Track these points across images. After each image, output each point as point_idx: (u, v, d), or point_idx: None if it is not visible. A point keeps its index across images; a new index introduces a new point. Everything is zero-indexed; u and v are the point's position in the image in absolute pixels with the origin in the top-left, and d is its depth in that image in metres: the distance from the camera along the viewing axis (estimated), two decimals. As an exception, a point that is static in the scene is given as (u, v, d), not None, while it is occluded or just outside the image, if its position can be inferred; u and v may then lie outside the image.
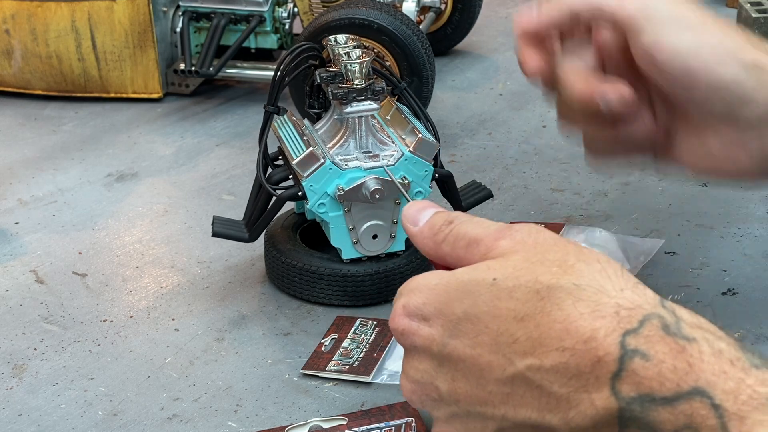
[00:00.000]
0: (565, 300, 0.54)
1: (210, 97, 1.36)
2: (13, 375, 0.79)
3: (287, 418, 0.73)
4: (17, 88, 1.36)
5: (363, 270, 0.85)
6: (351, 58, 0.85)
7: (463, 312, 0.57)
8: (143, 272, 0.94)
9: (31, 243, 0.99)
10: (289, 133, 0.88)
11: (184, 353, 0.81)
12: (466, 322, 0.57)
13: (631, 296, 0.53)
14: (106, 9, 1.29)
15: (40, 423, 0.74)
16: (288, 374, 0.78)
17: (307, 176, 0.83)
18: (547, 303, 0.55)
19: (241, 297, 0.89)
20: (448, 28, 1.45)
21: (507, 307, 0.56)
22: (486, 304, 0.56)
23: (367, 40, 1.14)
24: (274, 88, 0.88)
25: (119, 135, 1.25)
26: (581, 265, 0.55)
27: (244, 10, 1.31)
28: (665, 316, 0.53)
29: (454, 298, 0.58)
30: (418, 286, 0.59)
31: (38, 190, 1.11)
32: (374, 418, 0.70)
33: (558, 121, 0.80)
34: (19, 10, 1.30)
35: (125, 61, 1.31)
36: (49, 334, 0.85)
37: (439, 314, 0.58)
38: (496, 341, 0.56)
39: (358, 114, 0.84)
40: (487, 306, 0.56)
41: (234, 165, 1.16)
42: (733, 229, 0.97)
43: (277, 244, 0.88)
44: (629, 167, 0.97)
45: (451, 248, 0.60)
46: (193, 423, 0.73)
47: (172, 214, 1.05)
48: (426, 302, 0.58)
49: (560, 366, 0.54)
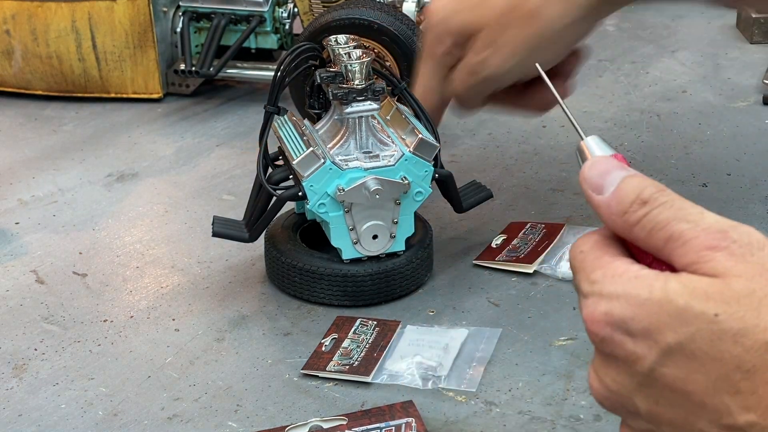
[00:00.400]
0: None
1: (210, 98, 1.36)
2: (13, 375, 0.79)
3: (287, 418, 0.73)
4: (17, 89, 1.36)
5: (363, 270, 0.85)
6: (351, 59, 0.85)
7: (677, 342, 0.51)
8: (143, 272, 0.94)
9: (32, 243, 0.99)
10: (289, 133, 0.88)
11: (185, 353, 0.81)
12: (679, 353, 0.51)
13: None
14: (107, 9, 1.29)
15: (40, 423, 0.74)
16: (288, 374, 0.78)
17: (308, 176, 0.83)
18: None
19: (241, 297, 0.89)
20: (448, 29, 1.45)
21: (730, 352, 0.50)
22: (705, 342, 0.51)
23: (367, 41, 1.14)
24: (274, 88, 0.88)
25: (119, 135, 1.25)
26: None
27: (244, 10, 1.31)
28: None
29: (667, 325, 0.52)
30: (626, 295, 0.53)
31: (38, 190, 1.11)
32: (374, 418, 0.70)
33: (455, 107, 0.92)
34: (20, 11, 1.30)
35: (125, 61, 1.31)
36: (49, 334, 0.85)
37: (648, 335, 0.52)
38: (714, 386, 0.51)
39: (359, 114, 0.84)
40: (707, 346, 0.51)
41: (234, 165, 1.16)
42: (732, 229, 0.97)
43: (278, 244, 0.89)
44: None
45: (647, 235, 0.53)
46: (194, 423, 0.73)
47: (172, 214, 1.05)
48: (634, 318, 0.52)
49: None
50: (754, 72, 1.39)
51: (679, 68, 1.42)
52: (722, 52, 1.47)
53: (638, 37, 1.56)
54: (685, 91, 1.34)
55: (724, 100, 1.30)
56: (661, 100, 1.31)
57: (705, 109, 1.27)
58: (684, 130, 1.22)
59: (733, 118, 1.24)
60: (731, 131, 1.20)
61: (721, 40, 1.53)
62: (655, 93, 1.33)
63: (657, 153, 1.15)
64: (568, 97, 0.85)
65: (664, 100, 1.31)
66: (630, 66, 1.44)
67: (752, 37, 1.50)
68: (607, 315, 0.52)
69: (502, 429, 0.70)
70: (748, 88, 1.33)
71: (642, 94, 1.33)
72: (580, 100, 1.32)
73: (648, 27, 1.60)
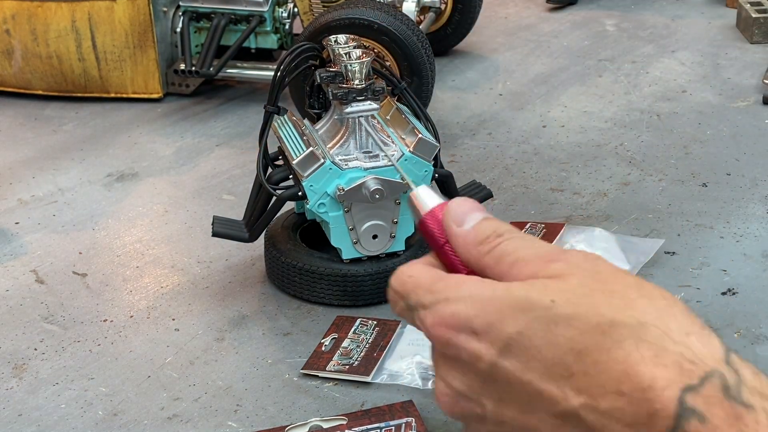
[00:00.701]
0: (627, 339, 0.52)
1: (210, 97, 1.36)
2: (13, 375, 0.79)
3: (287, 418, 0.73)
4: (17, 88, 1.36)
5: (363, 270, 0.85)
6: (351, 58, 0.85)
7: (516, 332, 0.54)
8: (143, 272, 0.94)
9: (32, 243, 0.99)
10: (289, 133, 0.88)
11: (184, 353, 0.81)
12: (518, 343, 0.54)
13: (697, 345, 0.50)
14: (106, 9, 1.29)
15: (40, 423, 0.74)
16: (288, 374, 0.78)
17: (308, 176, 0.82)
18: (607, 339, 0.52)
19: (241, 297, 0.89)
20: (448, 28, 1.45)
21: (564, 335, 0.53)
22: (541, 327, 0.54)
23: (367, 41, 1.14)
24: (274, 88, 0.88)
25: (119, 135, 1.25)
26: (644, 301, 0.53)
27: (244, 10, 1.31)
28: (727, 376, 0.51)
29: (508, 316, 0.55)
30: (471, 296, 0.56)
31: (38, 190, 1.11)
32: (374, 418, 0.69)
33: None
34: (20, 11, 1.30)
35: (125, 61, 1.31)
36: (49, 334, 0.85)
37: (490, 330, 0.54)
38: (549, 370, 0.53)
39: (358, 114, 0.84)
40: (543, 331, 0.54)
41: (234, 165, 1.16)
42: (732, 229, 0.97)
43: (277, 244, 0.88)
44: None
45: (495, 263, 0.56)
46: (193, 423, 0.73)
47: (172, 214, 1.05)
48: (477, 315, 0.55)
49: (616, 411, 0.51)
50: (754, 72, 1.39)
51: (679, 68, 1.42)
52: (722, 52, 1.47)
53: (638, 37, 1.56)
54: (685, 91, 1.34)
55: (724, 99, 1.30)
56: (661, 100, 1.31)
57: (705, 108, 1.27)
58: (684, 129, 1.22)
59: (733, 118, 1.24)
60: (731, 131, 1.20)
61: (721, 40, 1.53)
62: (655, 93, 1.33)
63: (657, 153, 1.15)
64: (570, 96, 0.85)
65: (664, 100, 1.31)
66: (630, 66, 1.44)
67: (752, 37, 1.50)
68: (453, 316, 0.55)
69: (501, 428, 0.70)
70: (748, 88, 1.33)
71: (642, 94, 1.33)
72: (580, 100, 1.32)
73: (648, 27, 1.60)
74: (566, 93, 1.34)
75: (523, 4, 1.73)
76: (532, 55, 1.49)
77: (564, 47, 1.52)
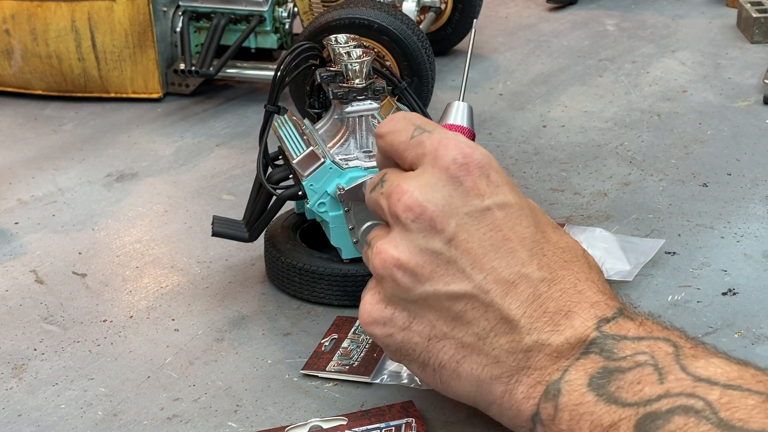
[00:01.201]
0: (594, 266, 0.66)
1: (210, 97, 1.36)
2: (13, 375, 0.79)
3: (287, 418, 0.72)
4: (17, 88, 1.36)
5: (363, 270, 0.85)
6: (351, 58, 0.85)
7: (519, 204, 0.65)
8: (143, 272, 0.94)
9: (31, 243, 0.99)
10: (289, 132, 0.88)
11: (184, 353, 0.81)
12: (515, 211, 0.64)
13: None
14: (106, 9, 1.29)
15: (40, 423, 0.73)
16: (288, 374, 0.78)
17: (308, 176, 0.82)
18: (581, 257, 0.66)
19: (241, 297, 0.89)
20: (448, 28, 1.45)
21: (551, 233, 0.65)
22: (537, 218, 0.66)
23: (367, 40, 1.14)
24: (274, 87, 0.88)
25: (119, 135, 1.25)
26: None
27: (244, 10, 1.31)
28: (657, 315, 0.65)
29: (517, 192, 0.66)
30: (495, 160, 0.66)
31: (38, 190, 1.11)
32: (374, 418, 0.69)
33: None
34: (19, 10, 1.30)
35: (125, 61, 1.31)
36: (49, 334, 0.85)
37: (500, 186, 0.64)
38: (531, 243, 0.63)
39: (359, 113, 0.84)
40: (537, 220, 0.66)
41: (234, 165, 1.16)
42: (733, 229, 0.97)
43: (277, 244, 0.88)
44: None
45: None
46: (193, 423, 0.73)
47: (172, 214, 1.05)
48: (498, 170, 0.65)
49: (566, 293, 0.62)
50: (754, 72, 1.39)
51: (680, 68, 1.42)
52: (722, 52, 1.47)
53: (638, 37, 1.56)
54: (686, 90, 1.34)
55: (725, 99, 1.30)
56: (661, 99, 1.31)
57: (705, 108, 1.27)
58: (684, 129, 1.21)
59: (733, 118, 1.24)
60: (731, 131, 1.20)
61: (721, 40, 1.53)
62: (655, 93, 1.33)
63: (657, 153, 1.15)
64: (570, 96, 0.85)
65: (665, 100, 1.31)
66: (630, 66, 1.44)
67: (752, 37, 1.50)
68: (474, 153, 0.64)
69: (502, 429, 0.70)
70: (748, 87, 1.33)
71: (642, 93, 1.33)
72: (581, 99, 1.32)
73: (648, 27, 1.60)
74: (567, 93, 1.34)
75: (523, 4, 1.73)
76: (533, 55, 1.49)
77: (564, 47, 1.52)
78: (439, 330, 0.63)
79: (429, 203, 0.62)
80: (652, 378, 0.56)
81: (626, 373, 0.57)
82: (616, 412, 0.55)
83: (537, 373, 0.60)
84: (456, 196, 0.63)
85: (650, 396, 0.55)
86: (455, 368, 0.63)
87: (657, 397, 0.54)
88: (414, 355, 0.65)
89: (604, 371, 0.57)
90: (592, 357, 0.59)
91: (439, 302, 0.63)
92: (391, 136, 0.68)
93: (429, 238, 0.62)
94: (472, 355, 0.62)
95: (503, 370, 0.61)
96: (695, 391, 0.54)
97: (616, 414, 0.55)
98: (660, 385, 0.55)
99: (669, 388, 0.55)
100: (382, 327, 0.65)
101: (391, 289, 0.64)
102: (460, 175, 0.63)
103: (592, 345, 0.59)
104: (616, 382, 0.57)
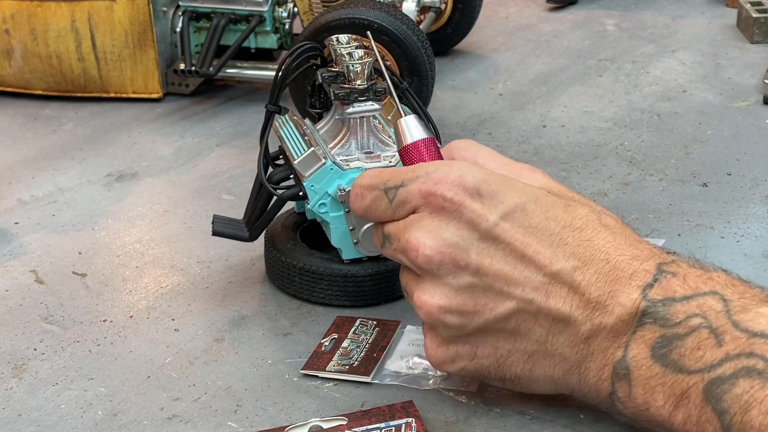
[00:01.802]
0: (616, 228, 0.65)
1: (210, 97, 1.36)
2: (13, 375, 0.79)
3: (287, 418, 0.72)
4: (17, 88, 1.36)
5: (363, 270, 0.85)
6: (353, 59, 0.85)
7: (521, 203, 0.64)
8: (143, 272, 0.94)
9: (31, 243, 0.99)
10: (290, 132, 0.88)
11: (184, 353, 0.81)
12: (521, 212, 0.64)
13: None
14: (106, 9, 1.29)
15: (40, 423, 0.73)
16: (288, 374, 0.78)
17: (308, 176, 0.82)
18: (599, 226, 0.65)
19: (241, 297, 0.89)
20: (448, 28, 1.45)
21: (562, 215, 0.64)
22: (544, 206, 0.64)
23: (367, 40, 1.14)
24: (275, 87, 0.88)
25: (119, 135, 1.25)
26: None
27: (244, 10, 1.31)
28: (693, 258, 0.65)
29: (514, 189, 0.65)
30: (471, 167, 0.65)
31: (38, 190, 1.11)
32: (374, 418, 0.69)
33: None
34: (19, 10, 1.30)
35: (125, 61, 1.31)
36: (49, 334, 0.85)
37: (496, 196, 0.64)
38: (549, 238, 0.63)
39: (360, 114, 0.84)
40: (545, 208, 0.64)
41: (234, 165, 1.16)
42: (733, 229, 0.97)
43: (277, 244, 0.88)
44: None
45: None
46: (193, 423, 0.73)
47: (172, 214, 1.05)
48: (487, 180, 0.64)
49: (602, 273, 0.63)
50: (754, 72, 1.39)
51: (680, 68, 1.42)
52: (722, 52, 1.47)
53: (638, 37, 1.56)
54: (686, 90, 1.34)
55: (725, 99, 1.30)
56: (661, 99, 1.31)
57: (705, 108, 1.27)
58: (684, 129, 1.21)
59: (733, 118, 1.24)
60: (732, 131, 1.20)
61: (721, 40, 1.53)
62: (655, 93, 1.33)
63: (657, 153, 1.15)
64: (570, 96, 0.85)
65: (665, 100, 1.31)
66: (630, 66, 1.44)
67: (752, 37, 1.50)
68: (461, 177, 0.64)
69: (502, 429, 0.70)
70: (748, 87, 1.33)
71: (642, 93, 1.33)
72: (580, 99, 1.32)
73: (648, 27, 1.60)
74: (566, 93, 1.34)
75: (523, 4, 1.73)
76: (533, 55, 1.49)
77: (564, 47, 1.52)
78: (503, 349, 0.66)
79: (444, 246, 0.65)
80: (710, 342, 0.58)
81: (684, 339, 0.59)
82: (684, 380, 0.58)
83: (601, 356, 0.63)
84: (463, 228, 0.64)
85: (712, 361, 0.57)
86: (530, 375, 0.67)
87: (719, 362, 0.57)
88: (491, 375, 0.68)
89: (663, 339, 0.60)
90: (648, 327, 0.61)
91: (493, 327, 0.65)
92: (371, 213, 0.70)
93: (459, 277, 0.65)
94: (540, 360, 0.65)
95: (571, 363, 0.64)
96: (753, 349, 0.56)
97: (684, 382, 0.58)
98: (719, 348, 0.58)
99: (728, 351, 0.57)
100: (452, 364, 0.69)
101: (446, 332, 0.67)
102: (456, 208, 0.65)
103: (645, 316, 0.61)
104: (678, 350, 0.59)
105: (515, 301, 0.64)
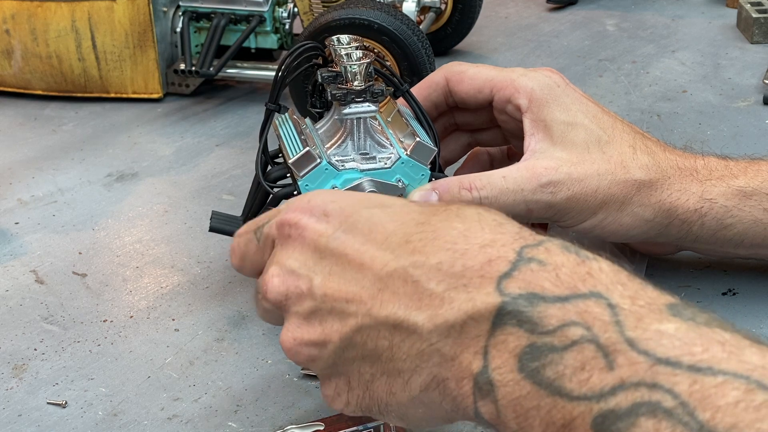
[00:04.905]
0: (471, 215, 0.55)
1: (210, 97, 1.36)
2: (13, 375, 0.79)
3: (287, 418, 0.73)
4: (17, 88, 1.36)
5: (363, 270, 0.85)
6: (351, 60, 0.85)
7: (369, 215, 0.58)
8: (143, 272, 0.94)
9: (31, 243, 0.99)
10: (288, 131, 0.88)
11: (184, 353, 0.81)
12: (367, 221, 0.57)
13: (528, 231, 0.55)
14: (106, 9, 1.29)
15: (40, 423, 0.74)
16: (288, 374, 0.78)
17: (303, 176, 0.82)
18: (451, 214, 0.56)
19: (241, 297, 0.89)
20: (448, 28, 1.45)
21: (412, 213, 0.57)
22: (394, 211, 0.58)
23: (367, 41, 1.14)
24: (275, 85, 0.88)
25: (119, 135, 1.25)
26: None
27: (244, 10, 1.31)
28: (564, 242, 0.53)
29: (365, 203, 0.59)
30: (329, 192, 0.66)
31: (38, 190, 1.11)
32: (350, 422, 0.69)
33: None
34: (19, 10, 1.30)
35: (125, 61, 1.31)
36: (49, 334, 0.85)
37: (342, 212, 0.58)
38: (387, 239, 0.56)
39: (356, 115, 0.84)
40: (394, 212, 0.58)
41: (234, 165, 1.16)
42: (733, 229, 0.97)
43: (277, 244, 0.88)
44: None
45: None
46: (193, 423, 0.73)
47: (172, 214, 1.05)
48: (334, 200, 0.59)
49: (445, 263, 0.53)
50: (754, 72, 1.39)
51: (680, 68, 1.42)
52: (722, 52, 1.47)
53: (638, 37, 1.56)
54: (686, 90, 1.34)
55: (725, 100, 1.30)
56: (661, 100, 1.31)
57: (705, 109, 1.27)
58: (684, 130, 1.22)
59: (733, 118, 1.24)
60: (731, 131, 1.20)
61: (721, 40, 1.53)
62: (655, 93, 1.33)
63: (657, 153, 1.15)
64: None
65: (665, 100, 1.31)
66: (630, 66, 1.44)
67: (752, 37, 1.50)
68: (310, 202, 0.60)
69: (502, 429, 0.70)
70: (748, 88, 1.33)
71: (642, 93, 1.33)
72: (580, 100, 1.32)
73: (648, 27, 1.60)
74: (566, 93, 1.34)
75: (523, 4, 1.73)
76: (533, 55, 1.49)
77: (564, 47, 1.52)
78: (367, 374, 0.57)
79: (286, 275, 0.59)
80: (597, 362, 0.46)
81: (563, 354, 0.47)
82: (565, 407, 0.46)
83: (455, 366, 0.51)
84: (306, 251, 0.58)
85: (602, 388, 0.45)
86: (396, 401, 0.56)
87: (611, 390, 0.45)
88: (372, 407, 0.58)
89: (533, 350, 0.48)
90: (509, 330, 0.49)
91: (349, 351, 0.57)
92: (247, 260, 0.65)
93: (303, 304, 0.58)
94: (396, 378, 0.55)
95: (425, 377, 0.53)
96: (656, 379, 0.44)
97: (566, 410, 0.46)
98: (609, 371, 0.45)
99: (622, 377, 0.45)
100: (339, 401, 0.60)
101: (315, 368, 0.60)
102: (300, 233, 0.59)
103: (505, 315, 0.49)
104: (554, 366, 0.47)
105: (356, 318, 0.55)
